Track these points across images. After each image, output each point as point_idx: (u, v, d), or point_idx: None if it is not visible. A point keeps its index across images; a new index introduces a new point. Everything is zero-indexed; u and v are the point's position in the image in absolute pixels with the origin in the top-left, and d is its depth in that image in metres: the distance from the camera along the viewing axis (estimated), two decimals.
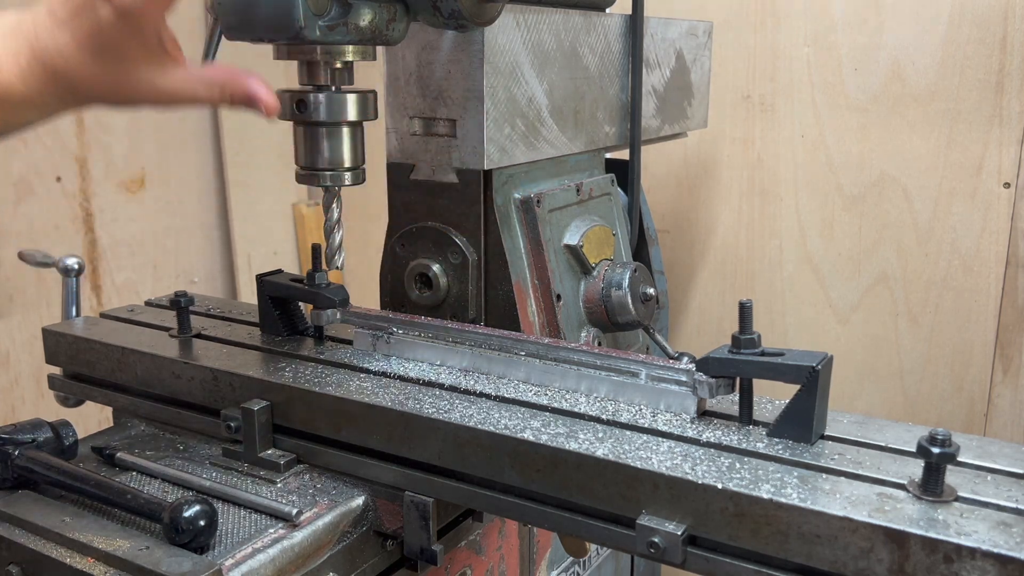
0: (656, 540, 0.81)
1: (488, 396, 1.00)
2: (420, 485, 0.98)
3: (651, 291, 1.36)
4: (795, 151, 1.94)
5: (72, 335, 1.24)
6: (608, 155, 1.53)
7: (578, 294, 1.34)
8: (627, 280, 1.33)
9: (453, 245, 1.22)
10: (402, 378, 1.07)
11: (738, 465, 0.83)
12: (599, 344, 1.35)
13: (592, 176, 1.45)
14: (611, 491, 0.85)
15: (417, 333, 1.12)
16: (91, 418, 1.86)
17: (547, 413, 0.96)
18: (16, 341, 1.96)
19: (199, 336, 1.23)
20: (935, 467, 0.76)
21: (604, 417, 0.94)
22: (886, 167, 1.84)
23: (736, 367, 0.90)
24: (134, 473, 1.06)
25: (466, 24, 1.07)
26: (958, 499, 0.76)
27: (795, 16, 1.89)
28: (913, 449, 0.77)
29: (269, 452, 1.06)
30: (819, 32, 1.86)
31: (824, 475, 0.81)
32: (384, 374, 1.08)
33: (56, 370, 1.29)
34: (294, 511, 0.93)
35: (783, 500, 0.76)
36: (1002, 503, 0.75)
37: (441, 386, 1.03)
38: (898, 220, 1.85)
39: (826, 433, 0.89)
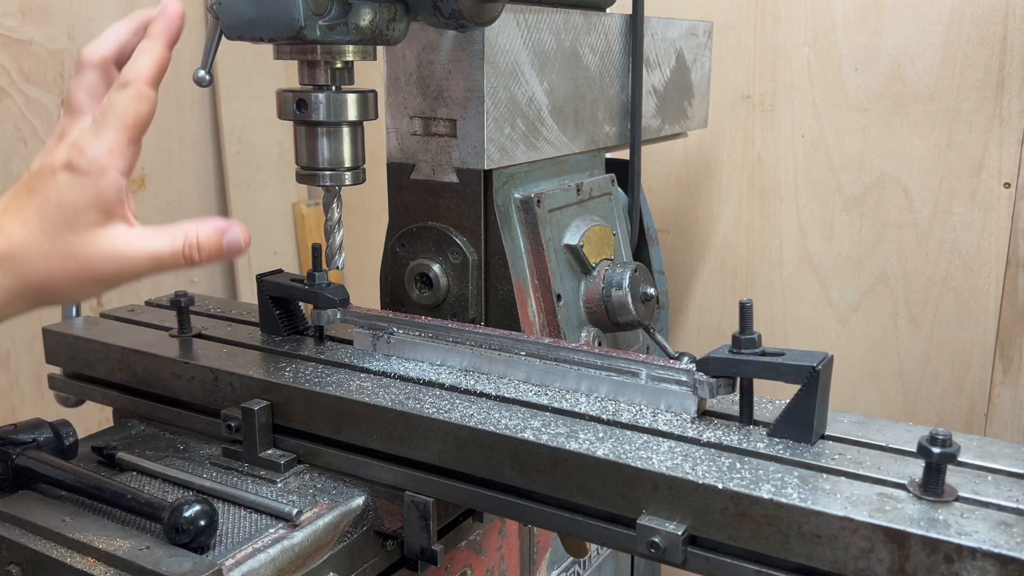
0: (656, 540, 0.81)
1: (488, 396, 1.00)
2: (420, 485, 0.98)
3: (651, 291, 1.36)
4: (795, 151, 1.94)
5: (72, 335, 1.24)
6: (608, 155, 1.53)
7: (578, 294, 1.34)
8: (627, 280, 1.33)
9: (453, 245, 1.22)
10: (402, 378, 1.07)
11: (738, 465, 0.82)
12: (599, 344, 1.35)
13: (592, 176, 1.45)
14: (611, 491, 0.85)
15: (417, 333, 1.12)
16: (91, 418, 1.86)
17: (547, 413, 0.96)
18: (16, 341, 1.96)
19: (199, 336, 1.23)
20: (935, 467, 0.76)
21: (604, 417, 0.94)
22: (886, 167, 1.84)
23: (736, 367, 0.89)
24: (134, 473, 1.06)
25: (466, 24, 1.07)
26: (958, 499, 0.76)
27: (795, 16, 1.89)
28: (913, 449, 0.77)
29: (269, 452, 1.06)
30: (819, 32, 1.86)
31: (824, 475, 0.81)
32: (384, 374, 1.08)
33: (56, 370, 1.29)
34: (294, 511, 0.93)
35: (784, 500, 0.76)
36: (1003, 503, 0.75)
37: (441, 386, 1.03)
38: (898, 220, 1.85)
39: (826, 433, 0.89)
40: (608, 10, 1.44)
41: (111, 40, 0.88)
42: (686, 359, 1.06)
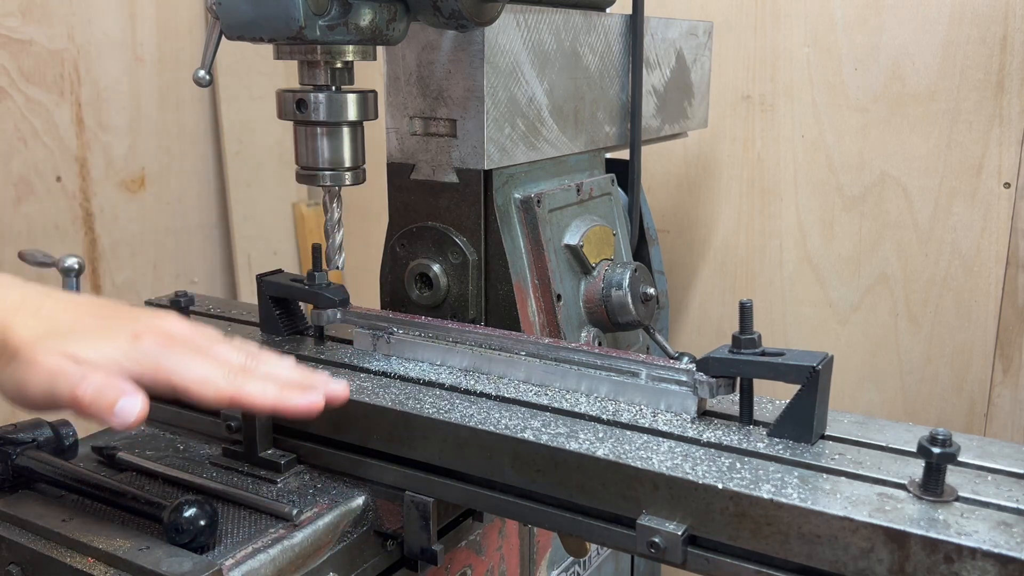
0: (656, 540, 0.81)
1: (488, 396, 1.00)
2: (420, 485, 0.98)
3: (651, 291, 1.36)
4: (795, 151, 1.94)
5: None
6: (608, 155, 1.53)
7: (578, 294, 1.34)
8: (627, 280, 1.33)
9: (453, 245, 1.22)
10: (402, 378, 1.07)
11: (738, 465, 0.83)
12: (599, 344, 1.35)
13: (592, 176, 1.45)
14: (611, 491, 0.85)
15: (417, 333, 1.12)
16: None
17: (547, 413, 0.96)
18: None
19: None
20: (935, 467, 0.76)
21: (604, 417, 0.94)
22: (886, 167, 1.84)
23: (736, 367, 0.89)
24: (134, 473, 1.06)
25: (466, 24, 1.07)
26: (958, 499, 0.76)
27: (795, 16, 1.89)
28: (913, 449, 0.77)
29: (269, 452, 1.06)
30: (819, 32, 1.86)
31: (824, 475, 0.81)
32: (384, 374, 1.08)
33: None
34: (294, 511, 0.93)
35: (783, 500, 0.76)
36: (1003, 503, 0.75)
37: (441, 386, 1.03)
38: (898, 220, 1.85)
39: (826, 433, 0.89)
40: (608, 10, 1.44)
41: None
42: (686, 359, 1.06)
